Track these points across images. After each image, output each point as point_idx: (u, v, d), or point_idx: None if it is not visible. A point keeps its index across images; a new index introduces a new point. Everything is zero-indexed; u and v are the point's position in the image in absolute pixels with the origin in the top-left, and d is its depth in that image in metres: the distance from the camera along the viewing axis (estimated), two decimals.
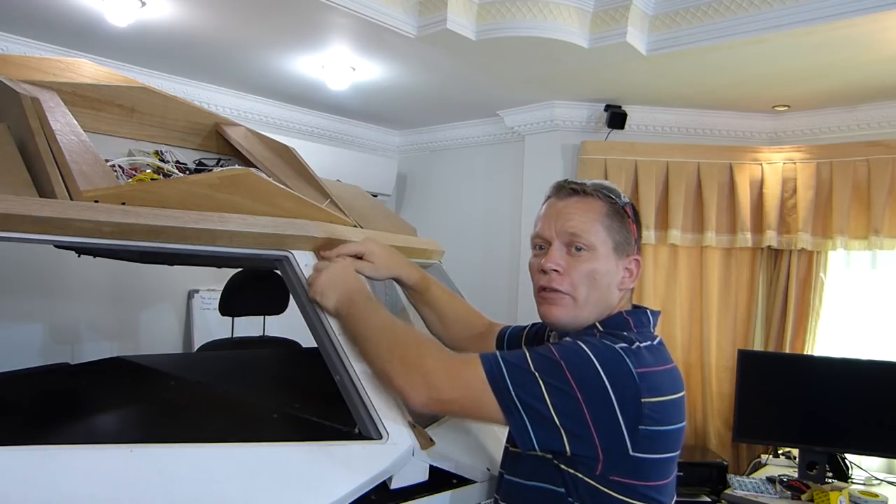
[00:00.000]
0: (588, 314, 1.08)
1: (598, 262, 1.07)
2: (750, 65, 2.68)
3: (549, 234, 1.10)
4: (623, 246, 1.09)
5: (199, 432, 1.13)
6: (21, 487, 0.84)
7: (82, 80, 1.59)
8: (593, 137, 3.48)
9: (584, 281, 1.07)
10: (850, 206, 3.01)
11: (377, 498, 1.03)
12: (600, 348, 0.98)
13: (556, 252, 1.08)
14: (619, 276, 1.10)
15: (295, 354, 2.42)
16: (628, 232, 1.10)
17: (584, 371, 0.94)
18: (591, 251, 1.07)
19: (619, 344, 1.00)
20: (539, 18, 2.53)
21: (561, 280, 1.07)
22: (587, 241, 1.07)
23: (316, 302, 1.16)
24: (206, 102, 3.40)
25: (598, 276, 1.07)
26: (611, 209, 1.09)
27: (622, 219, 1.10)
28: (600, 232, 1.07)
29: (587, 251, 1.07)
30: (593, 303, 1.08)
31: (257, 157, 1.68)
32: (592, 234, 1.07)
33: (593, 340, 1.00)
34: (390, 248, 1.33)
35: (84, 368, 1.79)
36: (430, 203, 4.40)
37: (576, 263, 1.07)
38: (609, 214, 1.09)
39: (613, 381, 0.94)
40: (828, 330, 3.13)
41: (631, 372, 0.95)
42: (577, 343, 0.99)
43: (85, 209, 1.01)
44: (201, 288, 3.44)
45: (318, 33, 2.66)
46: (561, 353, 0.97)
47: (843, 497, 2.49)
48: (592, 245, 1.07)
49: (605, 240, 1.08)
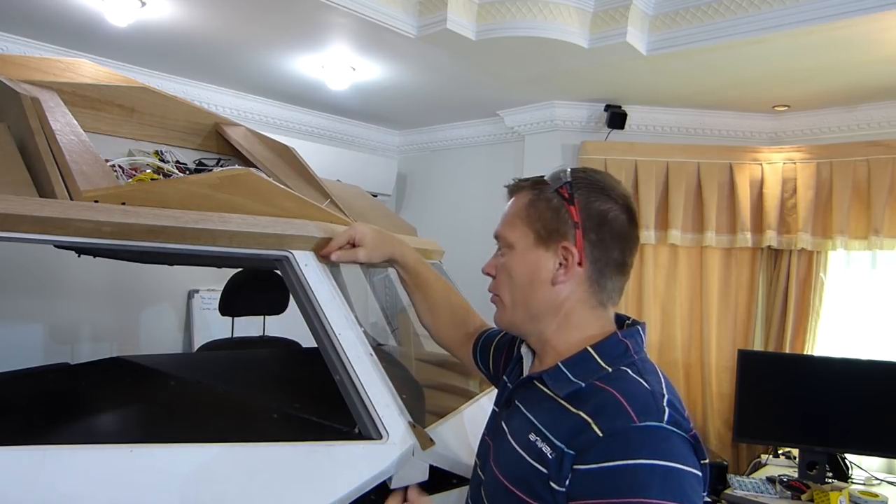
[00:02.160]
0: (521, 316, 1.00)
1: (514, 258, 1.00)
2: (750, 65, 2.68)
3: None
4: (551, 234, 0.96)
5: (199, 432, 1.13)
6: (21, 487, 0.84)
7: (82, 80, 1.59)
8: (593, 137, 3.48)
9: (504, 281, 1.01)
10: (850, 206, 3.01)
11: (377, 498, 1.03)
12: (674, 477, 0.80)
13: (493, 256, 1.06)
14: (551, 270, 0.97)
15: (295, 354, 2.42)
16: (559, 217, 0.96)
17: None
18: (510, 249, 1.01)
19: (663, 422, 0.83)
20: (539, 18, 2.53)
21: (493, 284, 1.05)
22: (506, 241, 1.02)
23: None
24: (206, 102, 3.40)
25: (515, 273, 1.00)
26: (535, 198, 0.99)
27: (548, 204, 0.97)
28: (518, 227, 1.00)
29: (507, 250, 1.02)
30: (521, 303, 0.99)
31: (257, 157, 1.68)
32: (510, 232, 1.01)
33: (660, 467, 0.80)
34: (380, 229, 1.30)
35: (84, 368, 1.78)
36: (430, 203, 4.40)
37: (500, 265, 1.03)
38: (530, 204, 0.99)
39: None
40: (828, 330, 3.13)
41: (698, 476, 0.83)
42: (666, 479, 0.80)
43: (85, 209, 1.01)
44: (201, 288, 3.44)
45: (318, 33, 2.66)
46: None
47: (843, 497, 2.49)
48: (510, 243, 1.01)
49: (523, 233, 0.99)
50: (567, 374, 0.93)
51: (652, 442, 0.81)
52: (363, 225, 1.28)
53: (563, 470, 0.84)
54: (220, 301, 2.55)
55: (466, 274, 2.28)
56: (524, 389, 1.00)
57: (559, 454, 0.85)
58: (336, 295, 1.22)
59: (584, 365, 0.93)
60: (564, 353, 0.97)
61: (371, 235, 1.26)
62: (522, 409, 0.98)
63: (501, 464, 0.96)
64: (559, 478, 0.84)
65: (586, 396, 0.89)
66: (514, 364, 1.12)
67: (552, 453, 0.86)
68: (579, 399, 0.89)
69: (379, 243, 1.27)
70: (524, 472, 0.90)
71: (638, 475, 0.78)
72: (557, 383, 0.93)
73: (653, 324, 3.29)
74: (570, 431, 0.85)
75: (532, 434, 0.91)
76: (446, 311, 1.33)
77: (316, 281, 1.22)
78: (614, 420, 0.83)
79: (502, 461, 0.96)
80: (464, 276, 2.12)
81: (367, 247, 1.25)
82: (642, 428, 0.81)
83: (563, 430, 0.87)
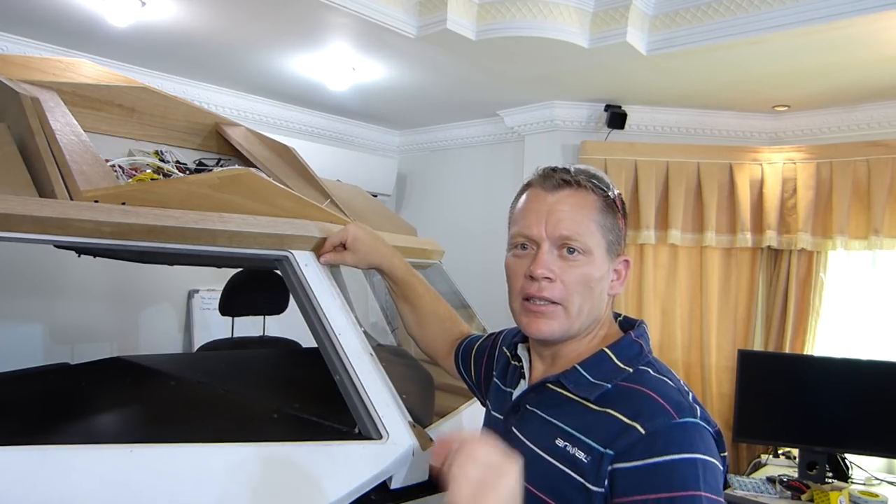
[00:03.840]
0: (579, 326, 0.95)
1: (593, 266, 0.93)
2: (750, 65, 2.68)
3: (538, 234, 0.94)
4: (614, 246, 0.96)
5: (199, 432, 1.13)
6: (21, 487, 0.84)
7: (82, 80, 1.59)
8: (593, 137, 3.48)
9: (578, 289, 0.92)
10: (850, 206, 3.01)
11: (377, 498, 1.03)
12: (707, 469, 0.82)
13: (547, 256, 0.93)
14: (609, 281, 0.96)
15: (295, 354, 2.41)
16: (619, 229, 0.96)
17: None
18: (587, 255, 0.93)
19: (693, 418, 0.85)
20: (539, 18, 2.53)
21: (553, 288, 0.92)
22: (583, 244, 0.92)
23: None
24: (206, 102, 3.40)
25: (594, 282, 0.93)
26: (604, 203, 0.95)
27: (614, 214, 0.96)
28: (595, 232, 0.93)
29: (583, 255, 0.93)
30: (586, 313, 0.94)
31: (257, 157, 1.68)
32: (588, 235, 0.93)
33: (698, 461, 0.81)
34: (376, 235, 1.28)
35: (84, 368, 1.78)
36: (430, 203, 4.40)
37: (569, 269, 0.92)
38: (602, 210, 0.95)
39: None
40: (828, 330, 3.13)
41: (719, 467, 0.85)
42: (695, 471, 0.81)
43: (85, 209, 1.01)
44: (201, 288, 3.44)
45: (318, 33, 2.66)
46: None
47: (843, 497, 2.49)
48: (588, 248, 0.93)
49: (599, 241, 0.94)
50: (587, 377, 0.92)
51: (692, 438, 0.83)
52: (358, 227, 1.26)
53: (601, 471, 0.84)
54: (220, 301, 2.55)
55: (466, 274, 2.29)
56: (535, 394, 0.98)
57: (596, 457, 0.85)
58: (336, 295, 1.22)
59: (603, 366, 0.92)
60: (581, 353, 0.96)
61: (363, 240, 1.24)
62: (540, 414, 0.95)
63: (525, 470, 0.95)
64: (597, 479, 0.84)
65: (615, 397, 0.89)
66: (505, 366, 1.10)
67: (587, 457, 0.86)
68: (608, 400, 0.89)
69: (370, 250, 1.25)
70: (554, 478, 0.88)
71: (684, 469, 0.80)
72: (580, 386, 0.91)
73: (653, 324, 3.28)
74: (608, 433, 0.85)
75: (559, 439, 0.90)
76: (434, 323, 1.31)
77: (316, 281, 1.22)
78: (655, 418, 0.83)
79: (525, 468, 0.95)
80: (464, 276, 2.12)
81: (357, 252, 1.24)
82: (682, 424, 0.83)
83: (599, 433, 0.86)
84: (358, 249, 1.24)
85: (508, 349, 1.11)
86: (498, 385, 1.10)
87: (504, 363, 1.11)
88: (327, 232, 1.29)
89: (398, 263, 1.28)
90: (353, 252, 1.24)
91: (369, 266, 1.28)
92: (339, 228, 1.28)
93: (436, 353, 1.32)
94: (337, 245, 1.25)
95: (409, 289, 1.29)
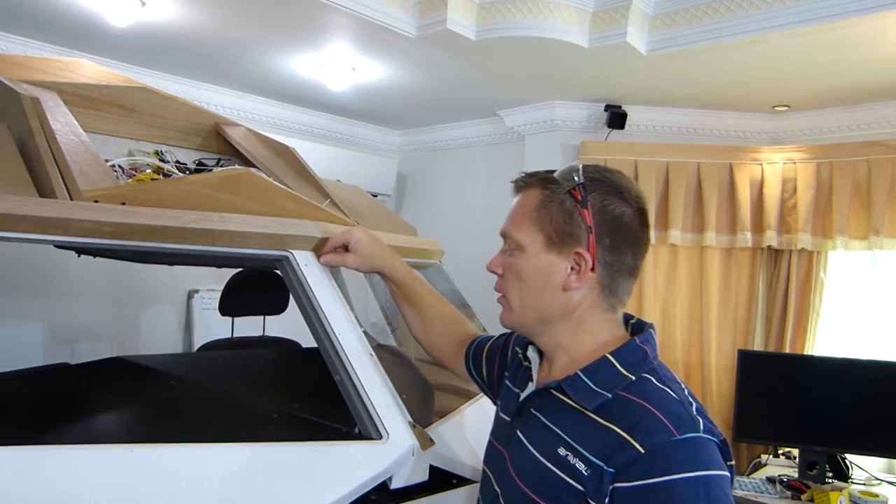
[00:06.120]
0: (530, 319, 0.98)
1: (525, 260, 0.97)
2: (750, 65, 2.68)
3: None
4: (563, 239, 0.94)
5: (199, 432, 1.13)
6: (21, 487, 0.84)
7: (82, 80, 1.59)
8: (593, 137, 3.48)
9: (512, 283, 0.99)
10: (850, 206, 3.00)
11: (377, 498, 1.03)
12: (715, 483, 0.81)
13: (499, 253, 1.02)
14: (562, 274, 0.94)
15: (295, 354, 2.42)
16: (572, 221, 0.93)
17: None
18: (520, 249, 0.97)
19: (702, 434, 0.83)
20: (539, 18, 2.53)
21: (499, 282, 1.02)
22: (515, 242, 0.98)
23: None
24: (206, 102, 3.40)
25: (525, 276, 0.97)
26: (546, 198, 0.95)
27: (561, 206, 0.94)
28: (528, 228, 0.96)
29: (516, 249, 0.98)
30: (532, 307, 0.97)
31: (257, 157, 1.68)
32: (519, 232, 0.97)
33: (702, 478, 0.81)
34: (377, 238, 1.29)
35: (84, 368, 1.78)
36: (430, 203, 4.40)
37: (506, 263, 1.00)
38: (541, 205, 0.96)
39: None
40: (828, 330, 3.13)
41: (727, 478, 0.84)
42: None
43: (85, 209, 1.01)
44: (201, 288, 3.44)
45: (318, 33, 2.66)
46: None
47: (843, 497, 2.49)
48: (519, 245, 0.97)
49: (534, 236, 0.96)
50: (589, 384, 0.91)
51: (693, 454, 0.81)
52: (361, 230, 1.27)
53: (602, 487, 0.83)
54: (220, 301, 2.55)
55: (467, 274, 2.28)
56: (539, 398, 0.98)
57: (597, 471, 0.84)
58: (336, 295, 1.22)
59: (605, 373, 0.91)
60: (579, 358, 0.95)
61: (365, 243, 1.24)
62: (542, 419, 0.95)
63: (525, 474, 0.93)
64: (598, 495, 0.83)
65: (615, 408, 0.88)
66: (517, 367, 1.10)
67: (587, 470, 0.85)
68: (608, 411, 0.88)
69: (372, 254, 1.25)
70: (553, 485, 0.88)
71: (684, 489, 0.79)
72: (580, 394, 0.91)
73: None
74: (607, 448, 0.85)
75: (561, 448, 0.89)
76: (439, 325, 1.31)
77: (316, 281, 1.22)
78: (653, 435, 0.82)
79: (525, 472, 0.94)
80: (464, 277, 2.12)
81: (359, 255, 1.24)
82: (683, 441, 0.81)
83: (598, 446, 0.86)
84: (360, 252, 1.24)
85: (521, 349, 1.11)
86: (509, 386, 1.10)
87: (517, 363, 1.11)
88: (327, 232, 1.29)
89: (399, 267, 1.28)
90: (355, 255, 1.24)
91: (370, 269, 1.28)
92: (342, 230, 1.28)
93: (442, 356, 1.31)
94: (339, 247, 1.25)
95: (411, 292, 1.29)
